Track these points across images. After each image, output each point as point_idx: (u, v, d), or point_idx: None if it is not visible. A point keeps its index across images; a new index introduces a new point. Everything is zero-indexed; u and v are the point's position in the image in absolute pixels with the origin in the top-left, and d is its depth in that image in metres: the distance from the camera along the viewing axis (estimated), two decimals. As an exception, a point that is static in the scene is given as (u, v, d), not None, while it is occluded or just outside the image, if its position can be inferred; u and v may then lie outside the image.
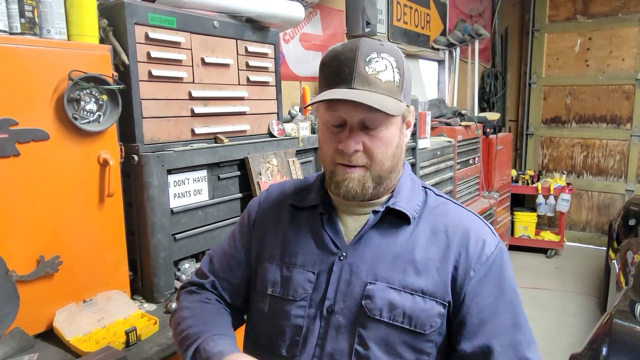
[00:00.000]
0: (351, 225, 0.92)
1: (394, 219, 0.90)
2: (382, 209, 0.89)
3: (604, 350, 1.70)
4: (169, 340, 1.26)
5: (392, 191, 0.93)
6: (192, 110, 1.61)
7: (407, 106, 0.88)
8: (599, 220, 5.38)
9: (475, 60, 4.81)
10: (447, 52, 4.55)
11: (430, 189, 0.97)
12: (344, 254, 0.88)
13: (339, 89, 0.81)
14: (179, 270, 1.59)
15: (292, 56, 2.68)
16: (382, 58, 0.83)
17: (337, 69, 0.83)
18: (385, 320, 0.82)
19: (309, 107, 2.26)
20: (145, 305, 1.47)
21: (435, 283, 0.84)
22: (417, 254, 0.86)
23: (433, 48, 4.38)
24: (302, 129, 2.06)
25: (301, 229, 0.95)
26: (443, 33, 4.50)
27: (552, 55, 5.48)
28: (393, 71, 0.83)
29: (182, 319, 0.94)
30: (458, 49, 4.57)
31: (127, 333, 1.22)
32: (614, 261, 3.34)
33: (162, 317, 1.38)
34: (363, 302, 0.83)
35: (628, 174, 5.16)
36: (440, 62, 4.68)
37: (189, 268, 1.61)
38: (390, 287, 0.83)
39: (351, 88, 0.81)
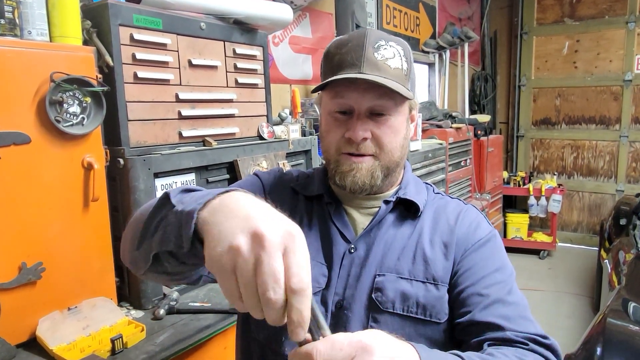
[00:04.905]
0: (357, 218, 0.89)
1: (402, 211, 0.89)
2: (393, 199, 0.88)
3: (599, 350, 1.69)
4: (156, 347, 1.23)
5: (399, 185, 0.92)
6: (179, 113, 1.59)
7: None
8: (590, 221, 5.40)
9: (465, 63, 4.83)
10: (437, 55, 4.56)
11: (430, 186, 0.97)
12: (354, 246, 0.85)
13: (348, 74, 0.79)
14: (167, 275, 1.56)
15: (282, 59, 2.66)
16: (390, 46, 0.82)
17: (344, 56, 0.80)
18: (398, 312, 0.80)
19: (298, 110, 2.25)
20: (132, 312, 1.43)
21: (444, 269, 0.83)
22: (424, 243, 0.85)
23: (423, 51, 4.39)
24: (292, 132, 2.04)
25: (307, 218, 0.90)
26: (433, 36, 4.52)
27: (541, 57, 5.52)
28: (401, 59, 0.82)
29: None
30: (448, 52, 4.59)
31: (112, 341, 1.19)
32: (606, 261, 3.35)
33: (150, 324, 1.35)
34: (373, 295, 0.81)
35: (618, 174, 5.19)
36: (431, 65, 4.69)
37: (177, 273, 1.58)
38: (401, 278, 0.81)
39: (360, 72, 0.78)
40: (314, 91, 0.85)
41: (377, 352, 0.48)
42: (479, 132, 4.37)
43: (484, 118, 4.67)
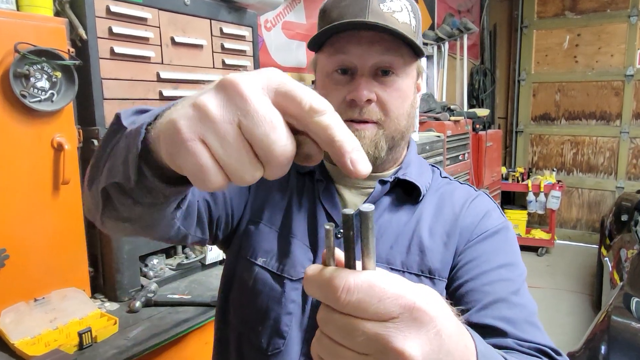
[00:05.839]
0: (350, 199, 0.79)
1: (400, 194, 0.78)
2: (390, 180, 0.77)
3: (603, 349, 1.60)
4: (128, 341, 1.14)
5: (400, 165, 0.81)
6: (160, 93, 1.49)
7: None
8: (590, 218, 5.32)
9: (464, 57, 4.73)
10: (435, 47, 4.46)
11: (437, 168, 0.87)
12: (342, 230, 0.75)
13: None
14: (146, 266, 1.47)
15: (275, 45, 2.56)
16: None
17: (345, 9, 0.71)
18: None
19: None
20: (107, 304, 1.34)
21: (443, 260, 0.72)
22: (422, 231, 0.74)
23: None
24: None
25: (297, 196, 0.80)
26: (431, 28, 4.42)
27: (541, 51, 5.42)
28: (409, 14, 0.73)
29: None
30: (447, 44, 4.49)
31: (80, 335, 1.10)
32: (606, 258, 3.27)
33: (124, 317, 1.26)
34: None
35: (618, 170, 5.11)
36: (429, 58, 4.59)
37: (157, 264, 1.49)
38: (392, 269, 0.72)
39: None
40: (310, 43, 0.75)
41: (430, 327, 0.34)
42: (477, 125, 4.28)
43: (483, 112, 4.58)
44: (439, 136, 3.44)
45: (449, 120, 3.71)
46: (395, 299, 0.33)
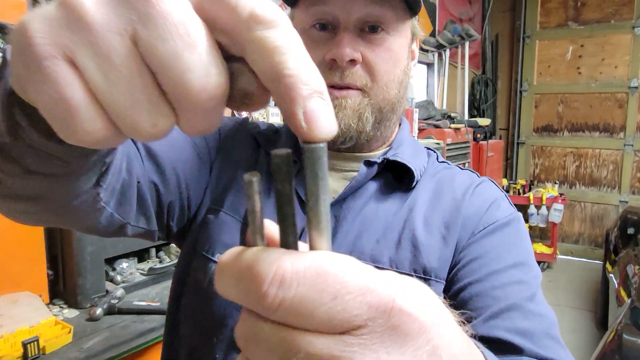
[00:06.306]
0: (329, 183, 0.66)
1: (389, 179, 0.65)
2: (378, 161, 0.64)
3: (615, 370, 1.46)
4: (81, 353, 1.00)
5: (390, 145, 0.69)
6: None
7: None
8: (593, 233, 5.18)
9: (465, 66, 4.64)
10: (436, 55, 4.38)
11: (434, 151, 0.74)
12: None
13: None
14: (113, 270, 1.33)
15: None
16: None
17: None
18: None
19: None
20: (65, 311, 1.20)
21: (441, 258, 0.60)
22: (416, 223, 0.61)
23: (422, 49, 4.20)
24: (272, 115, 1.82)
25: (265, 179, 0.67)
26: (432, 35, 4.33)
27: (544, 62, 5.34)
28: None
29: None
30: (448, 52, 4.40)
31: (24, 345, 0.96)
32: (612, 275, 3.14)
33: (82, 326, 1.12)
34: None
35: (622, 184, 4.98)
36: (429, 65, 4.50)
37: (127, 268, 1.36)
38: (378, 267, 0.57)
39: None
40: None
41: (420, 341, 0.21)
42: (478, 135, 4.17)
43: (485, 121, 4.48)
44: (438, 143, 3.32)
45: (449, 127, 3.60)
46: (360, 294, 0.20)
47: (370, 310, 0.20)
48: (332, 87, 0.60)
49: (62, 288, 1.25)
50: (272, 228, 0.24)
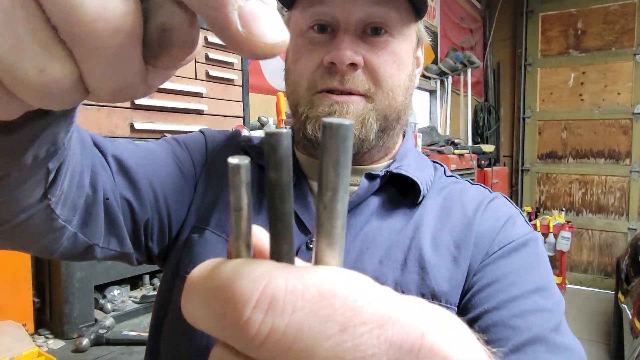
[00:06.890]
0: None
1: (393, 194, 0.60)
2: (381, 174, 0.59)
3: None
4: (63, 389, 0.93)
5: (393, 157, 0.64)
6: (131, 101, 1.34)
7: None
8: (602, 261, 5.06)
9: (468, 93, 4.65)
10: (438, 82, 4.39)
11: (441, 165, 0.68)
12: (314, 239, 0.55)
13: None
14: (104, 297, 1.27)
15: (270, 68, 2.44)
16: None
17: None
18: None
19: (283, 117, 2.00)
20: (51, 341, 1.13)
21: (452, 280, 0.53)
22: (423, 242, 0.55)
23: (424, 76, 4.21)
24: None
25: (256, 194, 0.61)
26: (434, 62, 4.35)
27: (546, 89, 5.34)
28: None
29: None
30: (450, 79, 4.41)
31: (1, 379, 0.89)
32: (625, 305, 3.03)
33: (67, 358, 1.05)
34: None
35: (630, 211, 4.90)
36: (432, 92, 4.51)
37: (118, 296, 1.29)
38: None
39: None
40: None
41: None
42: (482, 162, 4.13)
43: (489, 148, 4.44)
44: (442, 169, 3.28)
45: (453, 153, 3.56)
46: (379, 326, 0.15)
47: (392, 349, 0.15)
48: (331, 91, 0.55)
49: (48, 317, 1.18)
50: (261, 236, 0.18)
